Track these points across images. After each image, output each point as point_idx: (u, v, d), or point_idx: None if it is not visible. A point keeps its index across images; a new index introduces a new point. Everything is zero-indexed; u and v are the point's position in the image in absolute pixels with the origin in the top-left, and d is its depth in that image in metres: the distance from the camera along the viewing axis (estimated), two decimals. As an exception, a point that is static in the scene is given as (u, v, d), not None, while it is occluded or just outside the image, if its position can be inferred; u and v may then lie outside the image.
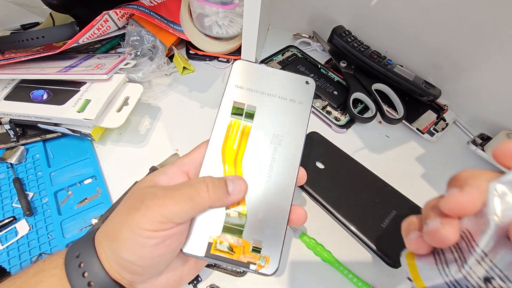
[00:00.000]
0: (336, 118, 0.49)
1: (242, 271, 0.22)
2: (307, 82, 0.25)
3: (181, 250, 0.21)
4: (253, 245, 0.22)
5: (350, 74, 0.53)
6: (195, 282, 0.34)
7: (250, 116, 0.25)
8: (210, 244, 0.22)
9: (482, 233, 0.14)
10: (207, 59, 0.58)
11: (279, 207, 0.23)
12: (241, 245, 0.22)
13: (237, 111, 0.25)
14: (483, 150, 0.45)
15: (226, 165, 0.23)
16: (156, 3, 0.55)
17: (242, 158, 0.24)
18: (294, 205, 0.23)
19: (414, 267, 0.17)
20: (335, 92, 0.52)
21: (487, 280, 0.14)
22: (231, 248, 0.22)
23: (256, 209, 0.23)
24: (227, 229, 0.22)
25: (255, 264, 0.22)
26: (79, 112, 0.41)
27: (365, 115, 0.49)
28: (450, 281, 0.15)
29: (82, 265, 0.20)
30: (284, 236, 0.22)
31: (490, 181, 0.15)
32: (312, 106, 0.49)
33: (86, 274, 0.19)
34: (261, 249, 0.22)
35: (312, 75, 0.55)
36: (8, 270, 0.34)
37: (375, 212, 0.37)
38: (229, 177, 0.22)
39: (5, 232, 0.37)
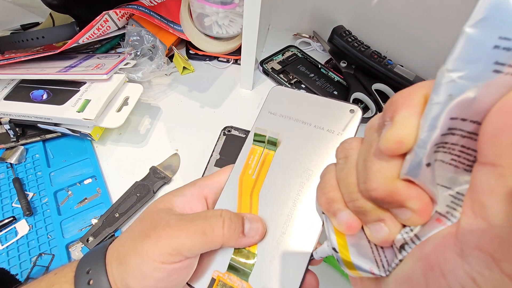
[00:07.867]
0: (336, 118, 0.49)
1: None
2: (351, 111, 0.22)
3: None
4: None
5: (350, 74, 0.53)
6: None
7: (273, 144, 0.22)
8: (213, 281, 0.20)
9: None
10: (207, 59, 0.58)
11: (296, 255, 0.19)
12: None
13: (259, 138, 0.22)
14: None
15: (242, 196, 0.21)
16: (156, 3, 0.55)
17: (260, 190, 0.21)
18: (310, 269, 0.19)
19: (345, 245, 0.15)
20: (335, 92, 0.52)
21: (402, 247, 0.13)
22: None
23: (268, 252, 0.20)
24: (232, 268, 0.20)
25: None
26: (79, 112, 0.41)
27: (365, 115, 0.49)
28: (383, 266, 0.14)
29: (91, 282, 0.20)
30: None
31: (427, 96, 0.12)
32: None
33: None
34: None
35: (312, 75, 0.55)
36: (17, 278, 0.34)
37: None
38: (247, 215, 0.20)
39: (5, 232, 0.37)
